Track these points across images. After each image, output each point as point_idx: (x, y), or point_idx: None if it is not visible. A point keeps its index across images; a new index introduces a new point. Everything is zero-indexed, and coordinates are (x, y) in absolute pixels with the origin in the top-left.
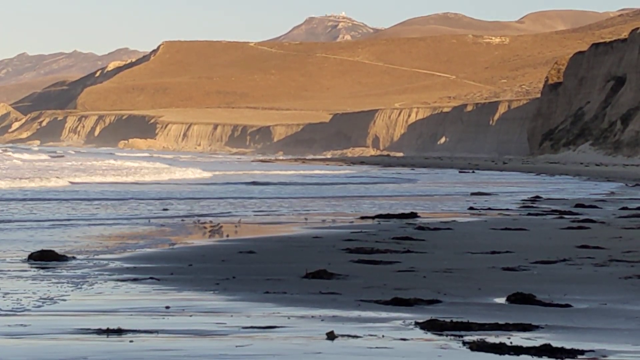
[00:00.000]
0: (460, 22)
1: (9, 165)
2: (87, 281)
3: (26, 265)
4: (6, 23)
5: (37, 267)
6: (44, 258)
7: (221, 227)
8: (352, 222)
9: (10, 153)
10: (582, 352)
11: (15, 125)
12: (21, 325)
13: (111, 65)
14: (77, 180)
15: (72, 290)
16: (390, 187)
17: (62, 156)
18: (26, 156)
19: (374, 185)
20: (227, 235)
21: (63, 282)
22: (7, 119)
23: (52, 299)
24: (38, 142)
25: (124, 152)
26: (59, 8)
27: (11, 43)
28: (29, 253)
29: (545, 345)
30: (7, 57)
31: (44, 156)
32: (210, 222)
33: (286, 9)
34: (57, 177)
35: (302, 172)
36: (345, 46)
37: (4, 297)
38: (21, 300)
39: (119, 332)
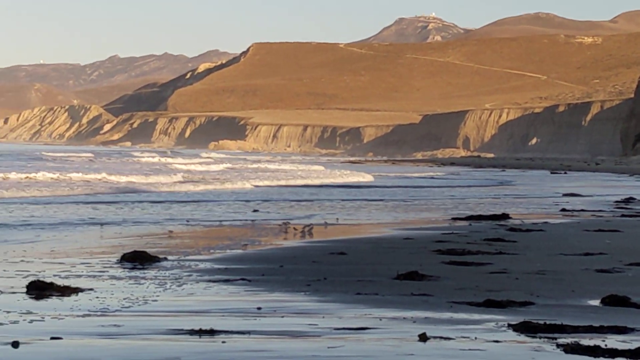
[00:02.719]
0: (552, 22)
1: (176, 169)
2: (178, 282)
3: (119, 266)
4: (98, 26)
5: (129, 268)
6: (136, 259)
7: (312, 227)
8: (443, 223)
9: (159, 158)
10: None
11: (107, 127)
12: (114, 325)
13: (201, 67)
14: (259, 183)
15: (163, 291)
16: (481, 189)
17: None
18: (179, 160)
19: (465, 187)
20: (319, 231)
21: (154, 283)
22: (99, 120)
23: (144, 299)
24: (129, 143)
25: (251, 154)
26: (150, 11)
27: (103, 46)
28: (122, 254)
29: None
30: (99, 60)
31: (180, 159)
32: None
33: (376, 10)
34: (241, 180)
35: (407, 174)
36: (435, 47)
37: (97, 297)
38: (114, 300)
39: (211, 332)
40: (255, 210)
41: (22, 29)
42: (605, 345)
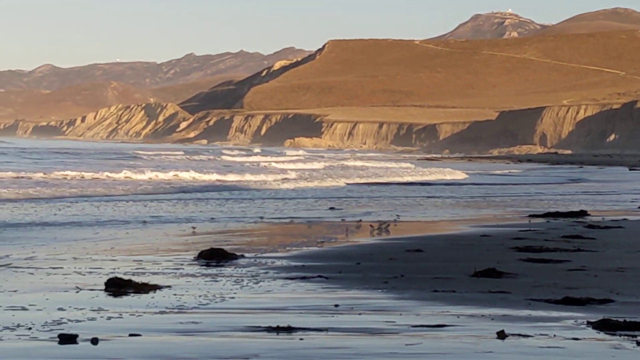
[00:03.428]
0: (630, 17)
1: (276, 168)
2: (255, 279)
3: (196, 263)
4: (174, 24)
5: (206, 265)
6: (213, 256)
7: (388, 225)
8: (520, 220)
9: (251, 157)
10: None
11: (183, 124)
12: (192, 322)
13: (277, 65)
14: (350, 181)
15: (240, 288)
16: (558, 185)
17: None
18: (273, 159)
19: (542, 184)
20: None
21: (231, 280)
22: (175, 118)
23: (221, 296)
24: (205, 141)
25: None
26: (225, 8)
27: (179, 44)
28: (199, 251)
29: None
30: (175, 58)
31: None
32: None
33: (452, 6)
34: (331, 178)
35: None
36: (511, 43)
37: (175, 294)
38: (191, 297)
39: (289, 329)
40: (331, 208)
41: (99, 28)
42: None
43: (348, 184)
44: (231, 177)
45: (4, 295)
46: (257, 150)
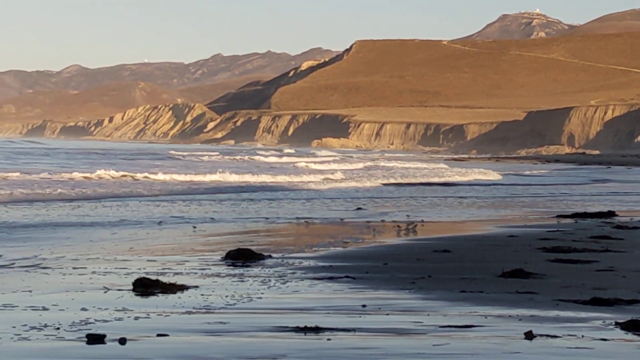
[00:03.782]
0: None
1: (315, 169)
2: (282, 279)
3: (223, 264)
4: (202, 25)
5: (233, 266)
6: (240, 256)
7: (415, 225)
8: (548, 220)
9: (286, 158)
10: None
11: (211, 125)
12: (220, 322)
13: (304, 65)
14: (387, 181)
15: (268, 289)
16: (586, 186)
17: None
18: (310, 159)
19: (570, 184)
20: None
21: (259, 280)
22: (203, 119)
23: (248, 296)
24: (232, 142)
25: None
26: (253, 9)
27: (207, 44)
28: (227, 251)
29: None
30: (203, 58)
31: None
32: None
33: (479, 6)
34: (367, 179)
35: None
36: (539, 43)
37: (202, 295)
38: (219, 297)
39: (316, 330)
40: (358, 208)
41: (127, 29)
42: None
43: (384, 184)
44: (280, 179)
45: (32, 295)
46: (290, 150)
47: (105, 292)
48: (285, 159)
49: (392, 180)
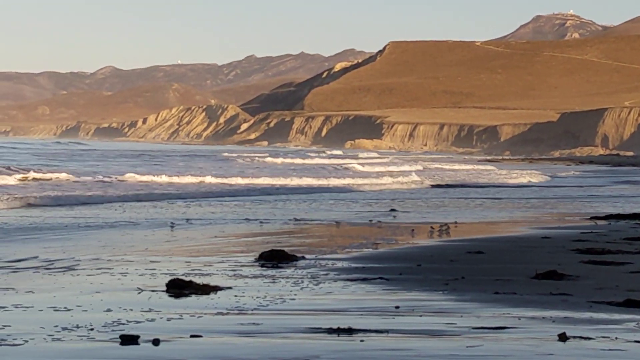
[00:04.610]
0: None
1: (377, 172)
2: (315, 280)
3: (256, 265)
4: (235, 26)
5: (266, 267)
6: (274, 258)
7: (448, 227)
8: (581, 222)
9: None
10: None
11: (244, 126)
12: (253, 323)
13: (338, 66)
14: (436, 182)
15: (301, 290)
16: (620, 187)
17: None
18: (360, 160)
19: (603, 185)
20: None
21: (292, 282)
22: (236, 120)
23: (281, 298)
24: (266, 143)
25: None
26: (286, 10)
27: (240, 45)
28: (260, 252)
29: None
30: (236, 60)
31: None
32: None
33: (513, 7)
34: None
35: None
36: (573, 44)
37: (235, 296)
38: (252, 299)
39: (349, 331)
40: (392, 209)
41: (161, 30)
42: None
43: (433, 185)
44: (360, 181)
45: (66, 296)
46: (337, 152)
47: (138, 293)
48: (336, 161)
49: (439, 182)
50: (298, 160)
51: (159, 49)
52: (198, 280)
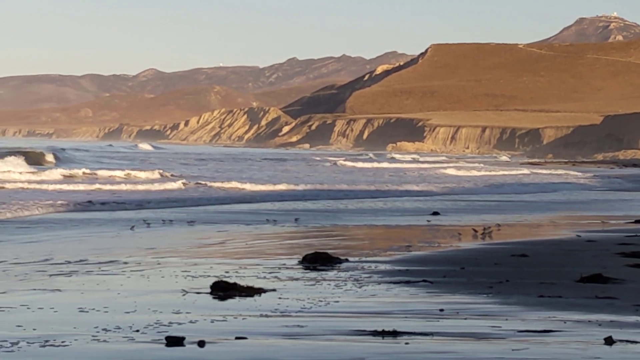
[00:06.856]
0: None
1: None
2: (359, 283)
3: (300, 267)
4: (276, 29)
5: (310, 269)
6: (317, 260)
7: (492, 230)
8: (626, 225)
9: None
10: None
11: (286, 129)
12: (297, 326)
13: (379, 69)
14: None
15: (344, 292)
16: None
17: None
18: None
19: None
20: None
21: (335, 284)
22: (278, 123)
23: (325, 300)
24: (307, 145)
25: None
26: (328, 13)
27: (282, 48)
28: (304, 255)
29: None
30: (278, 62)
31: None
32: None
33: (556, 10)
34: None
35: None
36: (617, 47)
37: (279, 298)
38: (296, 301)
39: (394, 334)
40: (435, 213)
41: (203, 33)
42: None
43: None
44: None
45: (109, 298)
46: (397, 156)
47: (183, 295)
48: (421, 165)
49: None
50: (374, 164)
51: (201, 51)
52: (242, 282)
